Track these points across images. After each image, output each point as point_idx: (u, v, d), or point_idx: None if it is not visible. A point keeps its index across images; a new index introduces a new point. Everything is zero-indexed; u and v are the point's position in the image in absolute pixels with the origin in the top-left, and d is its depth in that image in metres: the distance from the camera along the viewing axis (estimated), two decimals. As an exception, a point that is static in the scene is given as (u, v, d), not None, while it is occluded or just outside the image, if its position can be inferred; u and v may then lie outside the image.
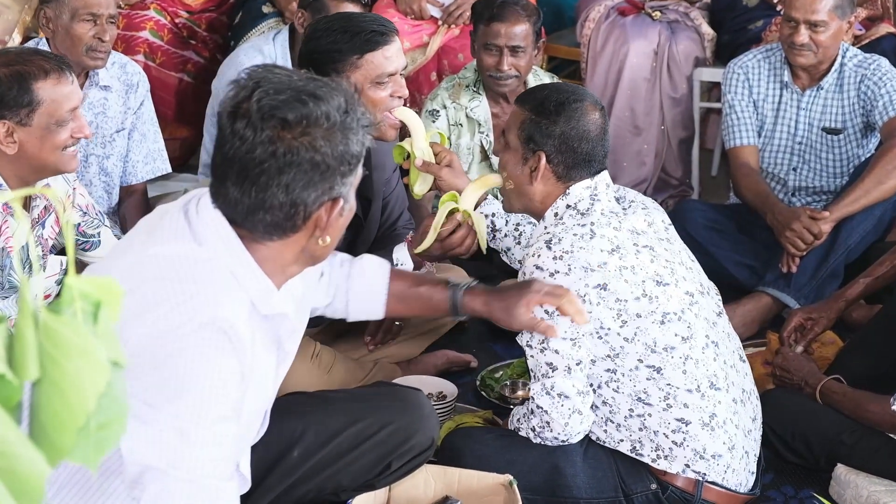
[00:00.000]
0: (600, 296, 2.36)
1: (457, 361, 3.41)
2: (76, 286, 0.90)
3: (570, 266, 2.36)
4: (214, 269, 1.71)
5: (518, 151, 2.53)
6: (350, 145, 1.73)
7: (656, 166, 4.72)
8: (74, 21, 3.45)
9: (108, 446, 0.90)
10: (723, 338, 2.53)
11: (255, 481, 2.07)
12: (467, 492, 2.36)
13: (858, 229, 3.65)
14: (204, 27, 4.67)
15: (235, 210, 1.73)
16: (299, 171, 1.69)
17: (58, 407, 0.85)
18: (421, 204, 3.44)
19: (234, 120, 1.70)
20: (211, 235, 1.74)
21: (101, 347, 0.86)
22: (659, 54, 4.64)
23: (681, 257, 2.52)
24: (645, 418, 2.44)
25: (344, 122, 1.72)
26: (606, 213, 2.45)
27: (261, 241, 1.75)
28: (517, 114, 2.55)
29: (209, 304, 1.67)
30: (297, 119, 1.69)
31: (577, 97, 2.51)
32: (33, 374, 0.86)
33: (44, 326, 0.87)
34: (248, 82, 1.72)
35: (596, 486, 2.48)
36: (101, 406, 0.88)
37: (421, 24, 4.57)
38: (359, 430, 2.31)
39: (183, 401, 1.64)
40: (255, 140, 1.68)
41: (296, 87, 1.72)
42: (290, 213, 1.72)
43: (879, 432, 2.72)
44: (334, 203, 1.74)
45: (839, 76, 3.82)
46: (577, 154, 2.47)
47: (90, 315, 0.90)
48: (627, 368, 2.40)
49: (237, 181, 1.71)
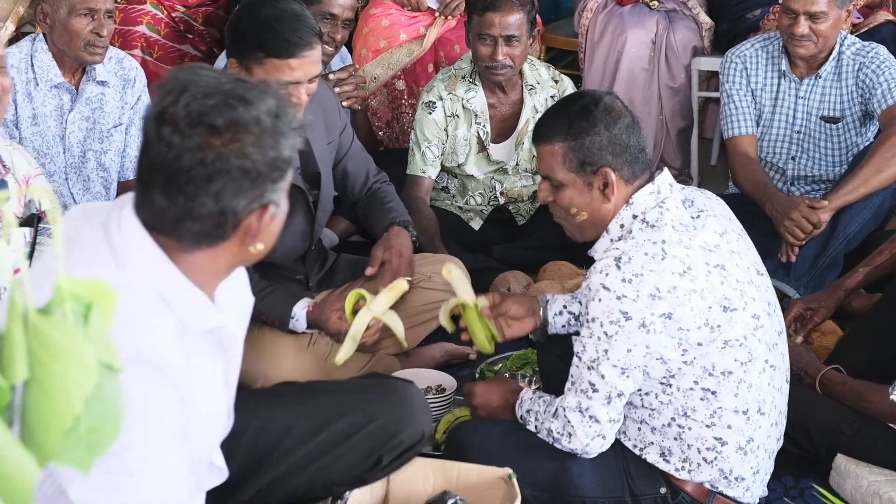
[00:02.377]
0: (664, 324, 2.28)
1: (456, 354, 3.40)
2: (67, 288, 0.89)
3: (638, 292, 2.26)
4: (137, 295, 1.63)
5: (577, 183, 2.40)
6: (281, 150, 1.66)
7: (655, 156, 4.71)
8: (72, 16, 3.45)
9: (100, 450, 0.90)
10: (779, 361, 2.48)
11: (242, 471, 2.07)
12: (466, 486, 2.36)
13: (857, 218, 3.64)
14: (201, 21, 4.65)
15: (162, 218, 1.66)
16: (229, 179, 1.62)
17: (44, 408, 0.84)
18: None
19: (160, 125, 1.62)
20: (133, 254, 1.66)
21: (89, 349, 0.85)
22: (657, 44, 4.63)
23: (750, 274, 2.42)
24: (684, 430, 2.40)
25: (275, 126, 1.66)
26: (678, 227, 2.34)
27: (189, 251, 1.68)
28: (550, 152, 2.41)
29: (133, 338, 1.59)
30: (226, 125, 1.62)
31: (594, 99, 2.42)
32: (22, 376, 0.86)
33: (32, 328, 0.87)
34: (174, 85, 1.64)
35: (602, 486, 2.45)
36: (92, 409, 0.87)
37: (418, 16, 4.56)
38: (348, 424, 2.30)
39: (121, 441, 1.59)
40: (183, 147, 1.61)
41: (224, 90, 1.64)
42: (219, 221, 1.65)
43: (879, 422, 2.72)
44: (264, 209, 1.68)
45: (837, 64, 3.80)
46: (632, 147, 2.38)
47: (81, 317, 0.89)
48: (683, 387, 2.36)
49: (164, 189, 1.63)
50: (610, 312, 2.28)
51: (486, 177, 4.02)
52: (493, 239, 4.05)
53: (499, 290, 3.64)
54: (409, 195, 3.86)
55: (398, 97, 4.59)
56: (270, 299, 2.92)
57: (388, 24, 4.52)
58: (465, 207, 4.10)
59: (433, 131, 3.90)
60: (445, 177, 4.07)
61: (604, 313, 2.29)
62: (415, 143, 3.92)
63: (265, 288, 2.93)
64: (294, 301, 2.94)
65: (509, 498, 2.32)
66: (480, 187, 4.05)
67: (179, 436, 1.69)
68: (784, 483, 2.83)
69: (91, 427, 0.88)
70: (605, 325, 2.30)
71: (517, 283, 3.65)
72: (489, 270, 3.78)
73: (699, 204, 2.45)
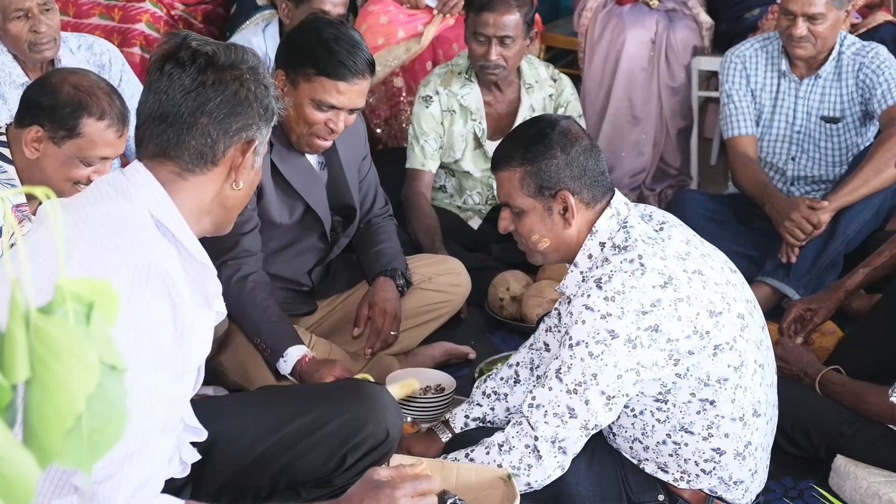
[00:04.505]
0: (651, 338, 2.23)
1: (455, 353, 3.40)
2: (68, 288, 0.88)
3: (622, 309, 2.21)
4: (146, 224, 1.77)
5: (536, 208, 2.36)
6: (269, 95, 1.87)
7: (655, 156, 4.71)
8: (7, 21, 3.39)
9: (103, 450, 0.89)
10: (767, 357, 2.45)
11: (203, 466, 2.06)
12: (465, 486, 2.35)
13: (857, 218, 3.64)
14: (200, 19, 4.65)
15: (163, 138, 1.82)
16: (224, 98, 1.81)
17: (46, 408, 0.83)
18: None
19: (163, 64, 1.82)
20: (140, 186, 1.81)
21: (91, 349, 0.85)
22: (656, 43, 4.62)
23: (725, 274, 2.38)
24: (680, 447, 2.38)
25: (265, 76, 1.88)
26: (647, 241, 2.30)
27: (184, 177, 1.83)
28: (507, 178, 2.38)
29: (144, 248, 1.71)
30: (226, 59, 1.84)
31: (549, 123, 2.38)
32: (23, 375, 0.85)
33: (34, 327, 0.86)
34: (174, 38, 1.86)
35: (600, 494, 2.43)
36: (95, 409, 0.86)
37: (416, 14, 4.56)
38: (309, 420, 2.26)
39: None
40: (185, 75, 1.81)
41: (219, 42, 1.89)
42: (213, 140, 1.82)
43: (879, 423, 2.72)
44: (249, 145, 1.85)
45: (837, 64, 3.80)
46: (591, 171, 2.35)
47: (83, 316, 0.89)
48: (679, 401, 2.33)
49: (167, 111, 1.81)
50: (595, 332, 2.24)
51: (482, 174, 4.02)
52: (492, 238, 4.04)
53: (498, 290, 3.64)
54: (410, 190, 3.86)
55: (396, 95, 4.58)
56: (277, 327, 2.86)
57: (387, 21, 4.52)
58: (464, 207, 4.10)
59: (430, 125, 3.90)
60: (443, 175, 4.07)
61: (589, 334, 2.24)
62: (413, 138, 3.92)
63: (277, 316, 2.88)
64: (292, 343, 2.85)
65: (508, 498, 2.31)
66: (478, 185, 4.05)
67: (170, 368, 1.71)
68: (784, 484, 2.82)
69: (93, 427, 0.87)
70: (590, 345, 2.24)
71: (516, 283, 3.65)
72: (488, 270, 3.78)
73: (658, 217, 2.43)
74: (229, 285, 2.83)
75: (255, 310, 2.86)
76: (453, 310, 3.47)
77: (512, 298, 3.63)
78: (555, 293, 3.51)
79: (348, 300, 3.33)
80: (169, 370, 1.71)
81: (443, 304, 3.40)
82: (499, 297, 3.65)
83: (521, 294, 3.62)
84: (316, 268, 3.22)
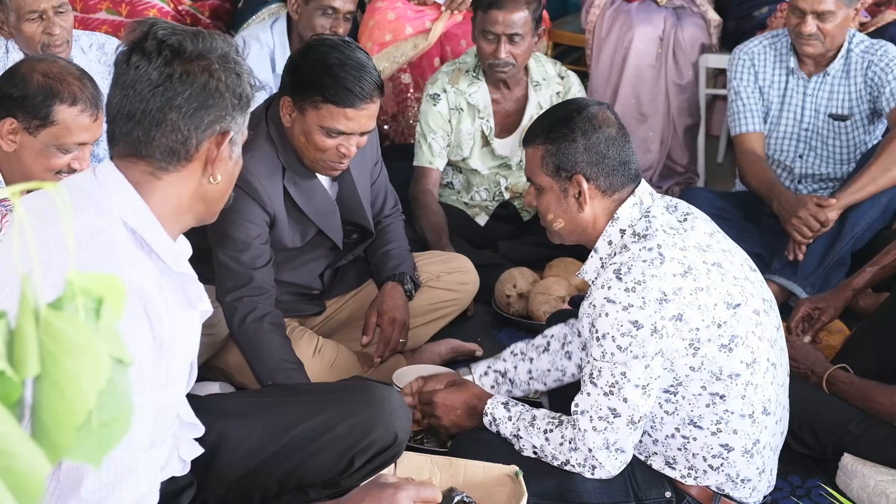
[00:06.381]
0: (676, 327, 2.25)
1: (462, 350, 3.40)
2: (78, 283, 0.88)
3: (644, 299, 2.23)
4: (118, 237, 1.69)
5: (553, 188, 2.39)
6: (242, 82, 1.78)
7: (662, 153, 4.70)
8: (21, 22, 3.40)
9: (111, 444, 0.89)
10: (780, 357, 2.46)
11: (210, 467, 2.06)
12: (473, 483, 2.35)
13: (865, 217, 3.63)
14: (207, 14, 4.65)
15: (132, 136, 1.74)
16: (193, 91, 1.73)
17: (57, 404, 0.83)
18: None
19: (129, 56, 1.74)
20: (113, 192, 1.73)
21: (101, 344, 0.85)
22: (664, 40, 4.62)
23: (744, 270, 2.40)
24: (689, 441, 2.39)
25: (237, 62, 1.79)
26: (669, 231, 2.32)
27: (158, 176, 1.75)
28: (532, 154, 2.42)
29: (116, 268, 1.63)
30: (194, 49, 1.75)
31: (578, 107, 2.41)
32: (33, 371, 0.85)
33: (44, 322, 0.86)
34: (140, 27, 1.77)
35: (607, 491, 2.43)
36: (104, 403, 0.86)
37: (424, 10, 4.55)
38: (318, 423, 2.26)
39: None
40: (151, 67, 1.73)
41: (187, 30, 1.78)
42: (184, 136, 1.74)
43: (886, 422, 2.71)
44: (223, 136, 1.77)
45: (846, 62, 3.79)
46: (610, 159, 2.36)
47: (92, 311, 0.89)
48: (690, 394, 2.34)
49: (134, 108, 1.73)
50: (619, 325, 2.26)
51: (490, 172, 4.01)
52: (498, 235, 4.04)
53: (505, 287, 3.64)
54: (417, 188, 3.86)
55: (404, 91, 4.58)
56: (293, 375, 2.81)
57: (394, 17, 4.51)
58: (471, 203, 4.10)
59: (438, 122, 3.89)
60: (450, 172, 4.06)
61: (613, 327, 2.26)
62: (420, 135, 3.91)
63: (293, 364, 2.84)
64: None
65: (516, 495, 2.31)
66: (485, 182, 4.05)
67: (155, 380, 1.67)
68: (791, 482, 2.82)
69: (102, 421, 0.87)
70: (616, 339, 2.27)
71: (523, 280, 3.65)
72: (495, 266, 3.77)
73: (683, 208, 2.45)
74: (244, 324, 2.82)
75: (272, 356, 2.82)
76: (461, 308, 3.47)
77: (519, 295, 3.63)
78: (562, 290, 3.51)
79: (357, 297, 3.32)
80: (150, 388, 1.67)
81: (451, 303, 3.40)
82: (506, 294, 3.64)
83: (527, 291, 3.61)
84: (326, 271, 3.21)
